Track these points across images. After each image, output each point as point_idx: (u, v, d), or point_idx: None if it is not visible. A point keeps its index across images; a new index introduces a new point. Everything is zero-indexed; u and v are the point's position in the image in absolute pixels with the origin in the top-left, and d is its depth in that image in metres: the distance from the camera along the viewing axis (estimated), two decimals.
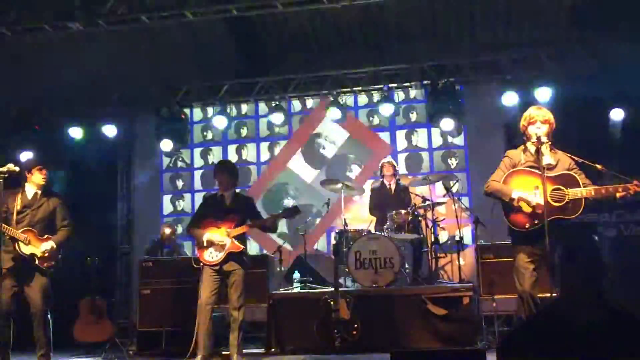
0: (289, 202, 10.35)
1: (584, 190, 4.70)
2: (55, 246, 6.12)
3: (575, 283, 2.45)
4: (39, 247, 6.05)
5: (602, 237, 9.05)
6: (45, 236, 6.13)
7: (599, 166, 4.84)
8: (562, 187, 4.74)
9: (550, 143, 4.90)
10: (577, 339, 2.35)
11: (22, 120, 10.35)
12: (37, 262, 6.02)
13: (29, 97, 10.22)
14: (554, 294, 4.60)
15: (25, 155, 9.60)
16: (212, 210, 6.50)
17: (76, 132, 10.40)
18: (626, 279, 8.50)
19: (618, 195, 4.67)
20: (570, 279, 2.49)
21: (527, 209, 4.75)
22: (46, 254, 6.05)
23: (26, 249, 6.00)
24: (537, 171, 4.81)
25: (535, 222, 4.72)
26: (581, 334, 2.37)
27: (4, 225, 5.79)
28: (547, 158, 4.81)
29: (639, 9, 8.58)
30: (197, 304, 6.32)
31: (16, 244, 5.97)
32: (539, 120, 4.95)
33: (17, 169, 6.03)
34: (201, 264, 6.36)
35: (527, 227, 4.76)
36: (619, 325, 2.39)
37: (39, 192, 6.23)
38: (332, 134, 10.58)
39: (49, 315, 6.13)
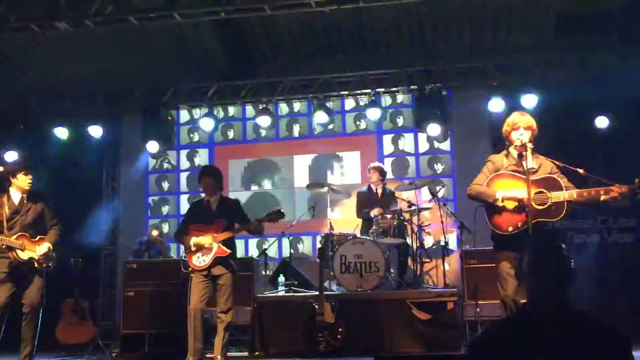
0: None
1: (567, 194, 4.72)
2: (51, 247, 6.19)
3: (541, 289, 2.47)
4: (36, 251, 6.10)
5: (571, 244, 9.15)
6: (38, 237, 6.18)
7: (580, 170, 4.86)
8: (544, 191, 4.76)
9: (532, 148, 4.93)
10: (544, 345, 2.37)
11: (7, 119, 10.28)
12: (36, 264, 6.08)
13: (15, 96, 10.17)
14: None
15: (10, 155, 9.55)
16: (198, 215, 6.52)
17: (62, 132, 10.35)
18: (608, 285, 8.58)
19: (602, 198, 4.68)
20: (536, 285, 2.51)
21: (512, 206, 4.77)
22: (43, 256, 6.11)
23: (24, 255, 6.04)
24: (520, 175, 4.84)
25: (519, 225, 4.74)
26: (547, 340, 2.39)
27: None
28: (530, 163, 4.84)
29: (624, 17, 8.66)
30: (187, 309, 6.34)
31: (13, 252, 5.98)
32: (522, 127, 4.98)
33: (0, 169, 6.02)
34: (190, 268, 6.37)
35: (510, 230, 4.78)
36: (584, 332, 2.42)
37: (24, 196, 6.21)
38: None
39: (40, 315, 6.18)
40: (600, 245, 9.24)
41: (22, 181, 6.15)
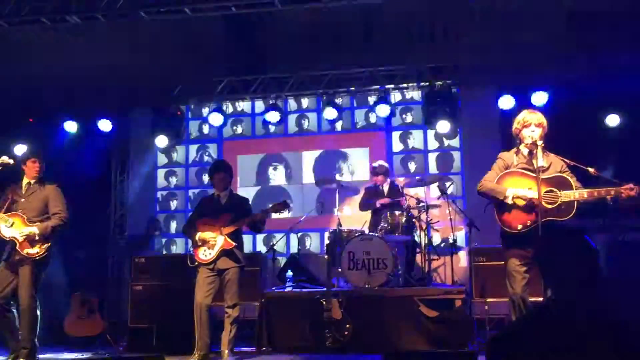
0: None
1: (577, 193, 4.70)
2: (37, 232, 6.01)
3: (568, 286, 2.45)
4: (21, 232, 6.00)
5: (595, 241, 9.04)
6: (36, 223, 6.10)
7: (591, 169, 4.85)
8: (554, 189, 4.74)
9: (542, 146, 4.91)
10: (568, 343, 2.35)
11: (17, 112, 10.31)
12: (17, 247, 5.98)
13: (25, 90, 10.19)
14: (546, 297, 4.62)
15: (19, 148, 9.57)
16: (207, 209, 6.58)
17: (71, 126, 10.38)
18: (619, 284, 8.51)
19: (609, 197, 4.68)
20: (564, 282, 2.49)
21: (523, 205, 4.75)
22: (23, 238, 5.97)
23: (7, 232, 6.00)
24: (530, 173, 4.82)
25: (528, 223, 4.72)
26: (572, 338, 2.36)
27: None
28: (540, 161, 4.82)
29: (636, 14, 8.59)
30: (194, 304, 6.35)
31: None
32: (533, 124, 4.97)
33: (11, 161, 6.06)
34: (197, 262, 6.38)
35: (519, 229, 4.76)
36: (610, 331, 2.39)
37: (32, 182, 6.27)
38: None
39: (37, 311, 6.05)
40: (609, 244, 9.17)
41: (29, 168, 6.27)
